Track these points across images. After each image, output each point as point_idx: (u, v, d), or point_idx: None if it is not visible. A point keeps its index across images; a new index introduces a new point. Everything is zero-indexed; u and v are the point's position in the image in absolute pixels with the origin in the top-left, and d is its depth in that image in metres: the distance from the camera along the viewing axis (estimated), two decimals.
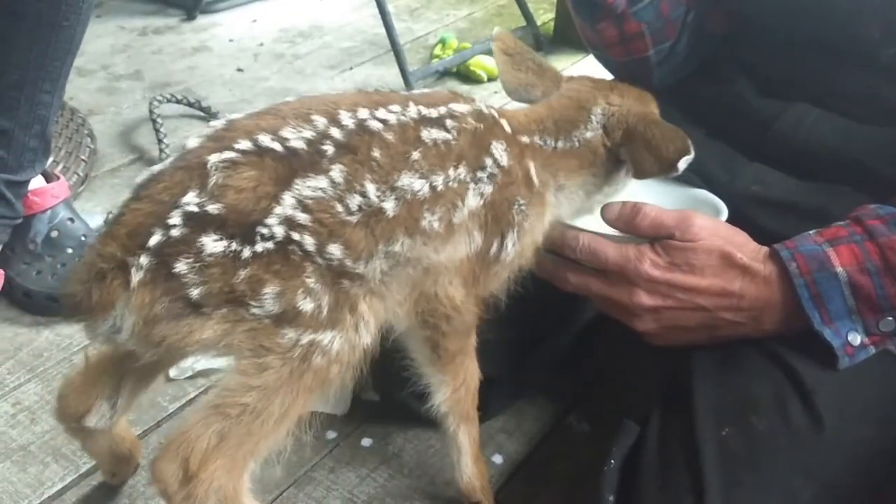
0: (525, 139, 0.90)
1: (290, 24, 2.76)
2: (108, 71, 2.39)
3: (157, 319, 0.74)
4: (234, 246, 0.73)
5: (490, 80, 2.39)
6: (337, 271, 0.76)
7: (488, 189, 0.84)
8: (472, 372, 0.97)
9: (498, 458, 1.19)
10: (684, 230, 0.89)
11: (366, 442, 1.21)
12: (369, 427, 1.23)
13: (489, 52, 2.47)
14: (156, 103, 2.03)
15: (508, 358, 1.17)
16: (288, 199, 0.74)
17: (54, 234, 1.49)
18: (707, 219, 0.91)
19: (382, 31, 2.34)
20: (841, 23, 0.98)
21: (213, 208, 0.73)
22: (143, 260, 0.73)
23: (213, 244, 0.72)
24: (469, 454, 1.01)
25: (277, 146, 0.75)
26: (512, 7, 2.66)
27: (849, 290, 0.84)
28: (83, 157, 1.86)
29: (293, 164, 0.75)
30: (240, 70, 2.43)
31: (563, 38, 2.59)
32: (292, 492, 1.13)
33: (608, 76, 1.25)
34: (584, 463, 1.16)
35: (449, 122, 0.83)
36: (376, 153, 0.77)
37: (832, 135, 1.02)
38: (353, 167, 0.76)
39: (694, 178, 1.04)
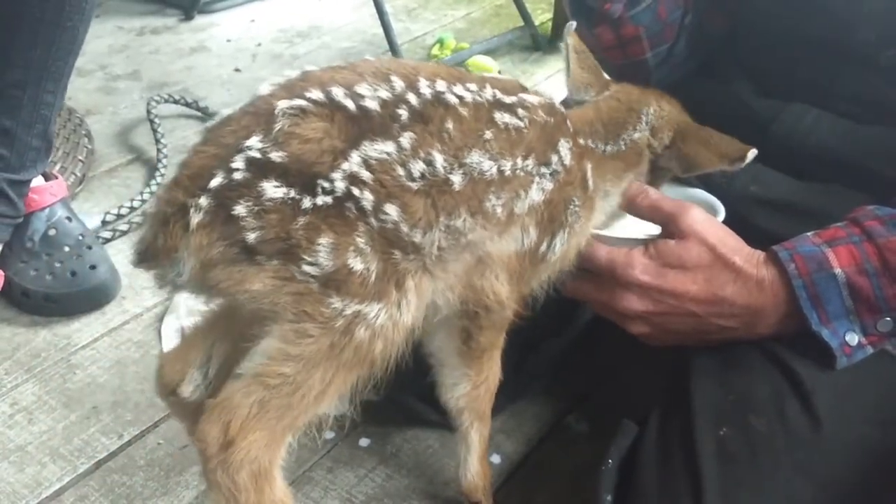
0: (582, 140, 0.90)
1: (288, 24, 2.76)
2: (105, 71, 2.39)
3: (214, 263, 0.74)
4: (293, 194, 0.72)
5: None
6: (390, 237, 0.75)
7: (549, 186, 0.83)
8: (495, 371, 0.96)
9: (496, 458, 1.19)
10: (680, 218, 0.89)
11: (364, 442, 1.21)
12: (367, 427, 1.23)
13: (487, 53, 2.48)
14: (153, 103, 2.03)
15: (508, 358, 1.16)
16: (355, 157, 0.73)
17: (52, 232, 1.49)
18: (704, 214, 0.91)
19: (381, 31, 2.34)
20: (838, 25, 0.98)
21: (275, 156, 0.72)
22: (203, 201, 0.72)
23: (273, 190, 0.72)
24: (476, 453, 1.01)
25: (350, 104, 0.75)
26: (510, 7, 2.66)
27: (847, 291, 0.84)
28: (80, 158, 1.85)
29: (363, 126, 0.74)
30: (237, 70, 2.43)
31: (562, 38, 2.59)
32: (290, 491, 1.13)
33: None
34: (582, 463, 1.16)
35: (521, 112, 0.82)
36: (449, 125, 0.77)
37: (831, 135, 1.02)
38: (424, 136, 0.75)
39: (692, 178, 1.04)
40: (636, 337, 0.96)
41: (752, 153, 0.88)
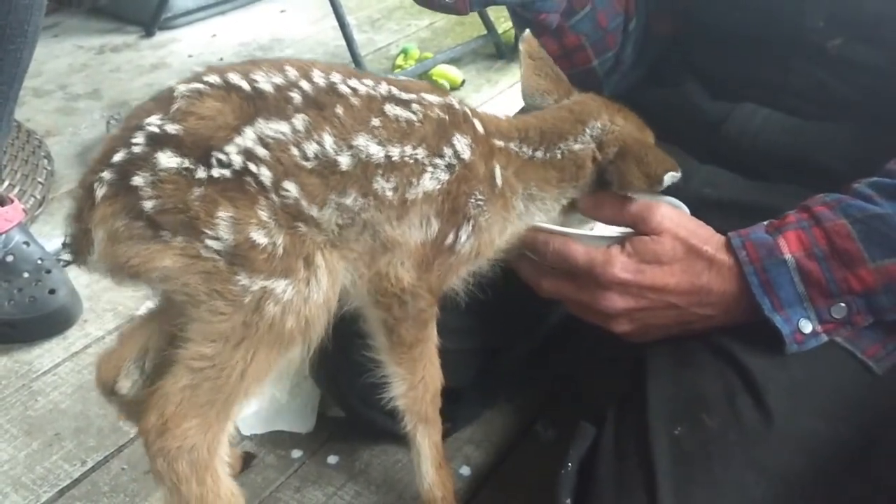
0: (499, 143, 0.91)
1: (250, 37, 2.75)
2: (65, 91, 2.36)
3: (120, 236, 0.78)
4: (187, 164, 0.77)
5: (452, 89, 2.40)
6: (293, 212, 0.79)
7: (445, 176, 0.85)
8: (431, 372, 0.95)
9: (466, 471, 1.19)
10: (648, 218, 0.89)
11: (332, 459, 1.20)
12: (335, 444, 1.23)
13: (451, 62, 2.49)
14: (113, 122, 2.02)
15: (474, 368, 1.17)
16: (249, 132, 0.78)
17: (9, 258, 1.46)
18: (670, 209, 0.91)
19: (343, 42, 2.34)
20: (785, 15, 0.99)
21: (171, 128, 0.77)
22: (106, 175, 0.78)
23: (167, 159, 0.77)
24: (430, 460, 0.99)
25: (245, 84, 0.80)
26: (473, 16, 2.66)
27: (798, 277, 0.85)
28: (40, 180, 1.83)
29: (258, 105, 0.79)
30: None
31: None
32: None
33: None
34: (551, 471, 1.14)
35: (415, 107, 0.85)
36: (339, 110, 0.81)
37: (781, 133, 1.03)
38: (317, 120, 0.80)
39: None
40: (619, 337, 0.95)
41: (670, 176, 0.87)
